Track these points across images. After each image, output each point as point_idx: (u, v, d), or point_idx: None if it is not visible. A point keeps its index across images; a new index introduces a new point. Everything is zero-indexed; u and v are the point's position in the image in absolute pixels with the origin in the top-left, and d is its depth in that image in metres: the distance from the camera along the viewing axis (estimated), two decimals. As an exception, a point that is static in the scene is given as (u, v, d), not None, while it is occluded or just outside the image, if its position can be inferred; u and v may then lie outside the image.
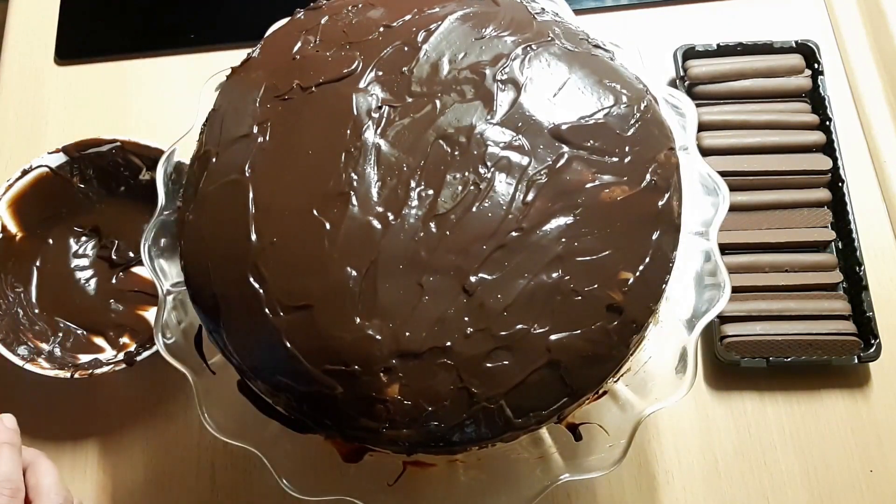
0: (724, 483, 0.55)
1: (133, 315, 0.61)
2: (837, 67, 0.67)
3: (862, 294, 0.57)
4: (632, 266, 0.38)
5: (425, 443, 0.39)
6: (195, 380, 0.44)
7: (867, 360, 0.56)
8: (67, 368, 0.55)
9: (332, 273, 0.38)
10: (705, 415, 0.57)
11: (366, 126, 0.40)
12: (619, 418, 0.44)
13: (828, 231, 0.60)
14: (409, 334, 0.37)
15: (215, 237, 0.41)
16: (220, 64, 0.47)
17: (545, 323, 0.37)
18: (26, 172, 0.59)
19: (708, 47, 0.65)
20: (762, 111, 0.63)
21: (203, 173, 0.42)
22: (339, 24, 0.44)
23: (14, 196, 0.59)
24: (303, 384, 0.39)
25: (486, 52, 0.42)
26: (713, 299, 0.42)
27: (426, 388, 0.37)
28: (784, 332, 0.56)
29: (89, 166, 0.61)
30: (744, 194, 0.60)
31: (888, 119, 0.64)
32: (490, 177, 0.38)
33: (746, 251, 0.60)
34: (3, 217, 0.58)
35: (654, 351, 0.44)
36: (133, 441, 0.58)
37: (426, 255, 0.37)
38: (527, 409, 0.38)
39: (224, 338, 0.41)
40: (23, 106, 0.70)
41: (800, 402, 0.57)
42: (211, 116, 0.45)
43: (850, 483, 0.55)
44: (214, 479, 0.57)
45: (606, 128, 0.40)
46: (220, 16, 0.73)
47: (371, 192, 0.39)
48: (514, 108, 0.40)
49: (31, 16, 0.74)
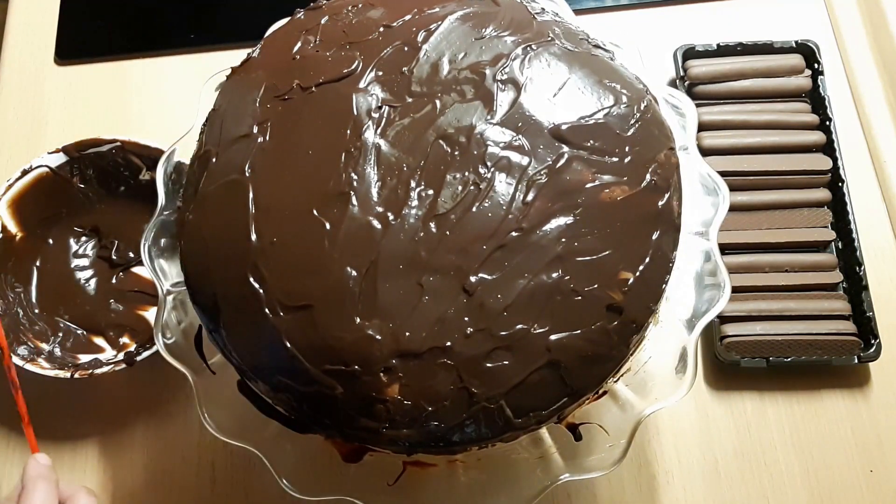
0: (724, 483, 0.55)
1: (133, 315, 0.61)
2: (837, 67, 0.67)
3: (862, 294, 0.57)
4: (632, 266, 0.38)
5: (425, 443, 0.39)
6: (195, 380, 0.44)
7: (867, 360, 0.56)
8: (67, 368, 0.55)
9: (332, 273, 0.38)
10: (705, 415, 0.57)
11: (366, 126, 0.40)
12: (619, 418, 0.44)
13: (828, 231, 0.60)
14: (409, 334, 0.37)
15: (215, 237, 0.41)
16: (220, 64, 0.47)
17: (545, 323, 0.37)
18: (26, 172, 0.59)
19: (708, 47, 0.65)
20: (762, 111, 0.63)
21: (203, 173, 0.42)
22: (339, 24, 0.44)
23: (14, 196, 0.59)
24: (303, 384, 0.39)
25: (486, 52, 0.42)
26: (713, 299, 0.43)
27: (426, 388, 0.37)
28: (784, 332, 0.56)
29: (89, 166, 0.61)
30: (744, 194, 0.60)
31: (888, 119, 0.64)
32: (490, 177, 0.38)
33: (746, 251, 0.59)
34: (3, 217, 0.58)
35: (654, 351, 0.44)
36: (133, 441, 0.58)
37: (426, 255, 0.37)
38: (527, 409, 0.38)
39: (224, 338, 0.41)
40: (23, 106, 0.70)
41: (800, 402, 0.57)
42: (211, 116, 0.45)
43: (850, 483, 0.55)
44: (214, 479, 0.57)
45: (606, 128, 0.40)
46: (220, 16, 0.73)
47: (371, 192, 0.39)
48: (514, 108, 0.40)
49: (31, 16, 0.74)
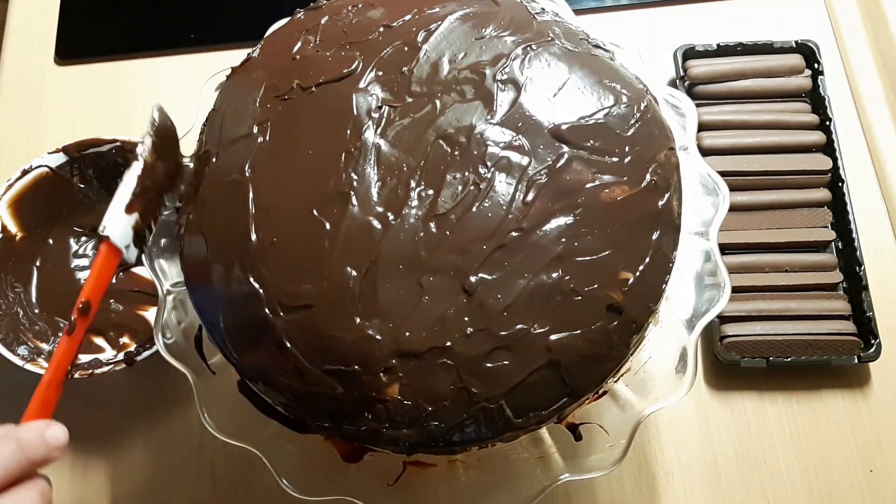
0: (724, 483, 0.55)
1: (133, 315, 0.61)
2: (837, 67, 0.67)
3: (862, 294, 0.57)
4: (632, 266, 0.38)
5: (425, 443, 0.39)
6: (195, 380, 0.44)
7: (867, 360, 0.56)
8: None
9: (332, 273, 0.38)
10: (705, 415, 0.57)
11: (366, 126, 0.40)
12: (619, 418, 0.44)
13: (828, 231, 0.60)
14: (409, 334, 0.37)
15: (215, 237, 0.41)
16: (220, 64, 0.47)
17: (545, 323, 0.37)
18: (26, 172, 0.59)
19: (708, 47, 0.64)
20: (762, 111, 0.63)
21: (203, 173, 0.42)
22: (339, 24, 0.44)
23: (14, 196, 0.59)
24: (303, 384, 0.39)
25: (486, 52, 0.42)
26: (713, 299, 0.43)
27: (426, 388, 0.37)
28: (784, 332, 0.56)
29: (89, 166, 0.61)
30: (744, 194, 0.60)
31: (888, 119, 0.64)
32: (490, 177, 0.38)
33: (746, 251, 0.59)
34: (3, 217, 0.58)
35: (654, 351, 0.44)
36: (133, 441, 0.58)
37: (426, 255, 0.37)
38: (527, 409, 0.38)
39: (224, 338, 0.41)
40: (23, 106, 0.70)
41: (800, 402, 0.57)
42: (211, 116, 0.45)
43: (850, 483, 0.55)
44: (214, 479, 0.57)
45: (606, 128, 0.40)
46: (220, 16, 0.73)
47: (371, 192, 0.39)
48: (514, 108, 0.40)
49: (31, 16, 0.74)
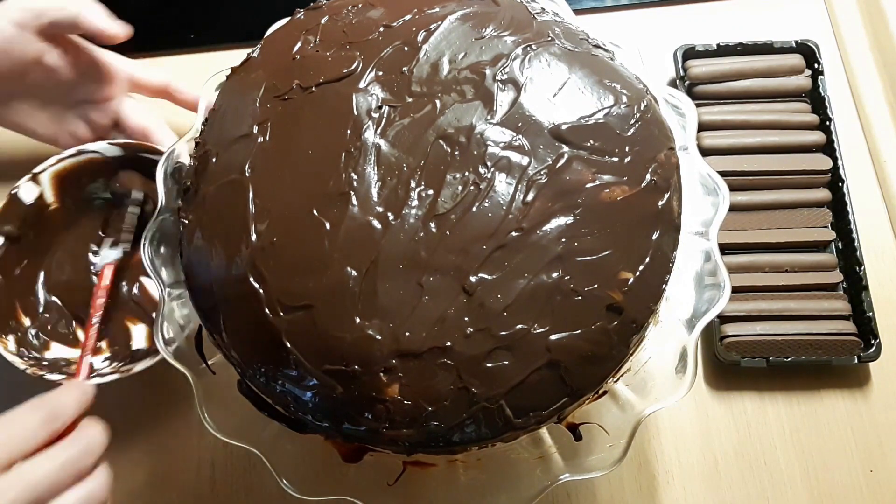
0: (724, 483, 0.55)
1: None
2: (837, 67, 0.67)
3: (862, 294, 0.57)
4: (632, 266, 0.38)
5: (425, 443, 0.39)
6: (195, 380, 0.44)
7: (867, 360, 0.56)
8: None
9: (332, 273, 0.38)
10: (705, 415, 0.57)
11: (366, 126, 0.40)
12: (619, 418, 0.44)
13: (828, 231, 0.60)
14: (409, 334, 0.37)
15: (215, 237, 0.41)
16: (220, 64, 0.47)
17: (545, 323, 0.37)
18: (81, 153, 0.58)
19: (708, 47, 0.64)
20: (762, 111, 0.63)
21: (203, 173, 0.42)
22: (339, 24, 0.44)
23: (61, 170, 0.58)
24: (303, 384, 0.39)
25: (486, 52, 0.42)
26: (713, 299, 0.43)
27: (426, 388, 0.37)
28: (784, 332, 0.56)
29: (137, 168, 0.60)
30: (744, 194, 0.60)
31: (888, 119, 0.64)
32: (490, 177, 0.38)
33: (746, 251, 0.59)
34: (45, 186, 0.58)
35: (654, 351, 0.44)
36: (133, 441, 0.58)
37: (426, 255, 0.37)
38: (527, 409, 0.38)
39: (224, 338, 0.41)
40: (23, 106, 0.70)
41: (800, 402, 0.57)
42: (211, 116, 0.45)
43: (850, 483, 0.55)
44: (214, 479, 0.57)
45: (606, 128, 0.40)
46: (220, 16, 0.73)
47: (371, 192, 0.39)
48: (514, 108, 0.40)
49: (31, 16, 0.74)
